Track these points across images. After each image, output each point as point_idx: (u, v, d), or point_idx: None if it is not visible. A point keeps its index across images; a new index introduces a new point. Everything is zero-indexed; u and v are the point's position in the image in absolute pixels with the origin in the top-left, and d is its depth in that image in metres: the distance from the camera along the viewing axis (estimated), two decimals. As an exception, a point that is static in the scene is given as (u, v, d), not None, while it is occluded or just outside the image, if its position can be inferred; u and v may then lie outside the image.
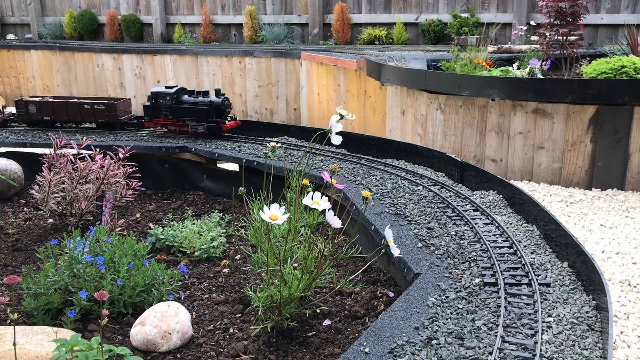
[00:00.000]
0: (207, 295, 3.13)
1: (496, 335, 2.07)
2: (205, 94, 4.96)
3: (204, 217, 4.02)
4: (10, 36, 13.54)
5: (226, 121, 4.93)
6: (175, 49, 10.30)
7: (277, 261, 2.47)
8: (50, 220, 4.15)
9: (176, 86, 5.07)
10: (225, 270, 3.45)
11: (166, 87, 5.04)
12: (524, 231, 3.04)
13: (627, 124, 4.68)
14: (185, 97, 5.00)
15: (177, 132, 5.16)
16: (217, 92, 4.95)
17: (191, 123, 5.01)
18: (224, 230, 3.90)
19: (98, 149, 4.01)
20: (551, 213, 3.00)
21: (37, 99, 5.49)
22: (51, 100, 5.47)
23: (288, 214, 2.17)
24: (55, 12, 13.23)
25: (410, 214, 3.28)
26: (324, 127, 2.40)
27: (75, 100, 5.46)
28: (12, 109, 6.53)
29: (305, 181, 2.42)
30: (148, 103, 5.09)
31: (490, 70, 5.93)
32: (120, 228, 3.75)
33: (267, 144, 2.76)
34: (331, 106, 8.40)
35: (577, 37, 6.29)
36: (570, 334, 2.08)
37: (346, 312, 2.84)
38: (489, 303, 2.31)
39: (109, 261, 2.91)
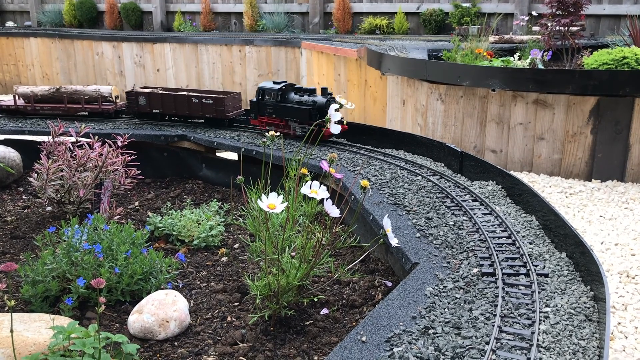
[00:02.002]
0: (205, 284, 3.13)
1: (493, 325, 2.07)
2: (312, 92, 4.50)
3: (202, 206, 4.02)
4: (9, 23, 13.48)
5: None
6: (175, 38, 10.26)
7: (275, 250, 2.47)
8: (49, 208, 4.14)
9: (284, 82, 4.67)
10: (224, 259, 3.45)
11: (274, 82, 4.65)
12: (522, 221, 3.04)
13: (627, 116, 4.67)
14: (292, 94, 4.56)
15: (281, 133, 4.88)
16: (324, 91, 4.44)
17: (293, 124, 4.55)
18: (223, 219, 3.89)
19: (97, 137, 4.00)
20: (550, 204, 2.99)
21: (147, 91, 5.25)
22: (160, 92, 5.20)
23: (286, 203, 2.16)
24: (55, -1, 13.17)
25: (409, 203, 3.27)
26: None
27: (185, 93, 5.16)
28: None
29: (304, 170, 2.41)
30: (254, 99, 4.75)
31: (491, 61, 5.91)
32: (118, 216, 3.75)
33: (266, 133, 2.75)
34: (331, 96, 8.36)
35: (578, 28, 6.26)
36: (567, 324, 2.08)
37: (344, 301, 2.84)
38: (487, 293, 2.31)
39: (107, 249, 2.91)
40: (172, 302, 2.62)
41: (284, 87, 4.58)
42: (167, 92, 5.18)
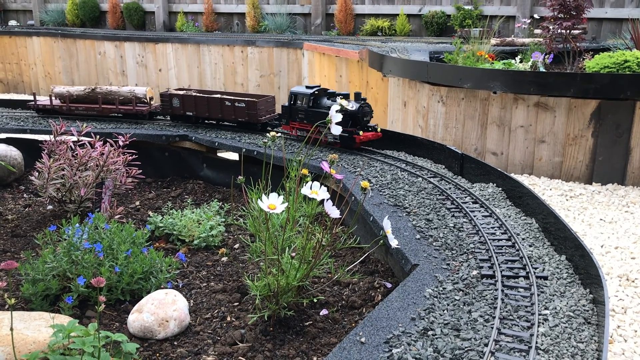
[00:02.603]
0: (205, 284, 3.13)
1: (492, 327, 2.07)
2: (345, 97, 4.29)
3: (203, 206, 4.02)
4: (12, 22, 13.50)
5: (361, 132, 4.19)
6: (177, 38, 10.28)
7: (275, 250, 2.48)
8: (50, 207, 4.15)
9: (317, 86, 4.50)
10: (224, 259, 3.46)
11: (306, 87, 4.48)
12: (522, 224, 3.04)
13: (628, 119, 4.67)
14: (324, 100, 4.38)
15: (312, 139, 4.47)
16: (357, 96, 4.23)
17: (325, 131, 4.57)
18: (223, 219, 3.90)
19: (98, 136, 4.01)
20: (550, 206, 2.99)
21: (181, 93, 5.15)
22: (194, 94, 5.09)
23: (287, 204, 2.17)
24: (58, -2, 13.19)
25: (409, 205, 3.27)
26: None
27: (218, 95, 5.03)
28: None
29: (305, 171, 2.41)
30: (286, 104, 4.59)
31: (493, 63, 5.91)
32: (119, 215, 3.76)
33: (267, 134, 2.75)
34: (333, 97, 8.37)
35: (580, 31, 6.26)
36: (566, 327, 2.08)
37: (343, 302, 2.84)
38: (486, 295, 2.32)
39: (108, 248, 2.92)
40: (172, 301, 2.63)
41: (316, 92, 4.41)
42: (200, 95, 5.08)
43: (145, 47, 10.50)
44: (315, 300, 2.74)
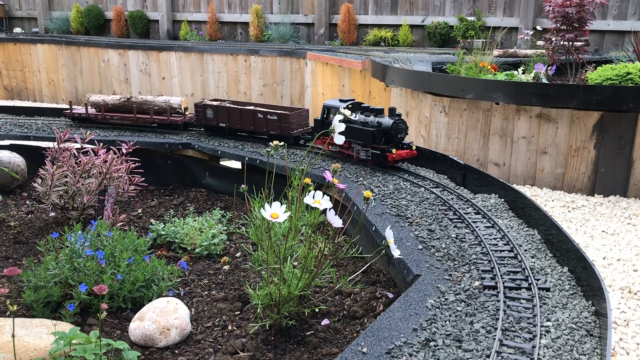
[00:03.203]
0: (206, 292, 3.13)
1: (494, 339, 2.07)
2: (379, 112, 4.10)
3: (205, 214, 4.03)
4: (17, 30, 13.58)
5: (394, 149, 3.97)
6: (181, 46, 10.32)
7: (277, 259, 2.48)
8: (52, 214, 4.16)
9: (352, 100, 4.33)
10: (226, 267, 3.46)
11: (340, 100, 4.33)
12: (524, 235, 3.04)
13: (631, 131, 4.67)
14: (358, 114, 4.19)
15: (344, 155, 4.38)
16: (392, 112, 4.04)
17: (356, 147, 4.17)
18: (225, 228, 3.90)
19: (101, 144, 4.02)
20: (552, 218, 2.99)
21: (215, 103, 5.05)
22: (227, 105, 5.00)
23: (289, 213, 2.17)
24: (63, 6, 13.26)
25: (412, 215, 3.27)
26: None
27: (251, 107, 4.92)
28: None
29: (307, 180, 2.42)
30: (319, 117, 4.44)
31: (495, 74, 5.93)
32: (121, 223, 3.76)
33: (270, 143, 2.76)
34: (335, 106, 8.39)
35: (583, 43, 6.28)
36: (568, 339, 2.07)
37: (345, 312, 2.84)
38: (488, 306, 2.31)
39: (110, 256, 2.92)
40: (174, 309, 2.62)
41: (350, 106, 4.24)
42: (233, 106, 4.98)
43: (149, 55, 10.54)
44: (316, 310, 2.74)
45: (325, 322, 2.71)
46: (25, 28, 13.78)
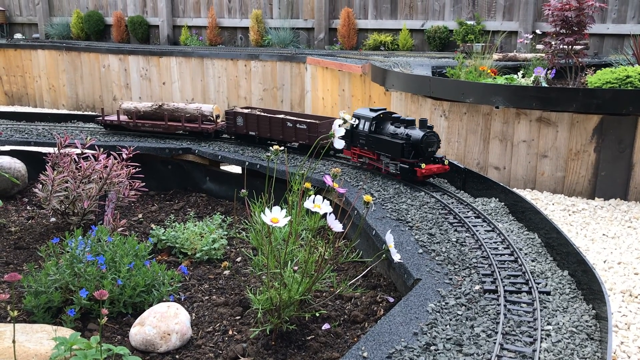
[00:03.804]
0: (207, 297, 3.13)
1: (495, 343, 2.07)
2: (410, 123, 3.90)
3: (205, 219, 4.03)
4: (18, 35, 13.60)
5: (423, 164, 3.73)
6: (181, 51, 10.34)
7: (277, 264, 2.48)
8: (53, 219, 4.16)
9: (382, 109, 4.10)
10: (226, 272, 3.46)
11: (370, 110, 4.11)
12: (525, 239, 3.04)
13: (631, 134, 4.68)
14: (387, 125, 4.00)
15: (374, 168, 4.20)
16: (422, 123, 3.80)
17: (385, 160, 3.98)
18: (226, 232, 3.90)
19: (102, 149, 4.03)
20: (552, 221, 2.99)
21: (245, 111, 4.96)
22: (257, 113, 4.89)
23: (289, 217, 2.17)
24: (63, 12, 13.30)
25: (412, 219, 3.27)
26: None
27: (281, 115, 4.81)
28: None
29: (307, 185, 2.42)
30: (348, 127, 4.25)
31: (495, 78, 5.93)
32: (122, 228, 3.76)
33: (270, 147, 2.76)
34: (335, 111, 8.41)
35: (582, 47, 6.29)
36: (569, 343, 2.07)
37: (346, 316, 2.84)
38: (489, 310, 2.31)
39: (110, 261, 2.92)
40: (174, 314, 2.63)
41: (380, 116, 4.04)
42: (263, 114, 4.88)
43: (149, 61, 10.56)
44: (317, 315, 2.74)
45: (326, 326, 2.70)
46: (26, 34, 13.81)
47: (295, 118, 4.67)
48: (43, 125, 5.90)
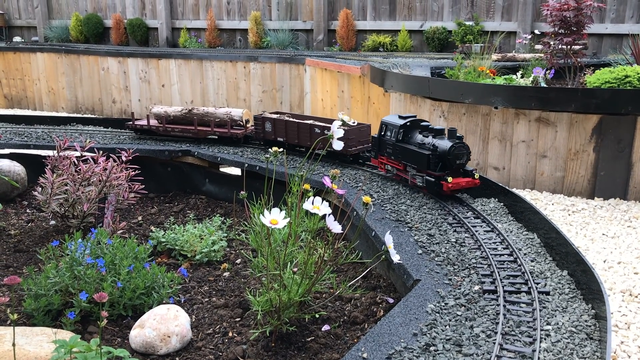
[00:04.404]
0: (207, 299, 3.13)
1: (494, 343, 2.07)
2: (439, 133, 3.65)
3: (205, 221, 4.03)
4: (17, 38, 13.61)
5: (450, 178, 3.47)
6: (180, 53, 10.35)
7: (277, 266, 2.48)
8: (52, 222, 4.16)
9: (412, 117, 3.86)
10: (226, 274, 3.46)
11: (399, 117, 3.89)
12: (524, 239, 3.04)
13: (630, 134, 4.68)
14: (416, 134, 3.77)
15: (401, 179, 3.97)
16: (451, 133, 3.56)
17: (412, 171, 3.75)
18: (225, 234, 3.90)
19: (101, 152, 4.03)
20: (552, 221, 3.00)
21: (274, 116, 4.84)
22: (286, 119, 4.75)
23: (288, 219, 2.17)
24: (62, 15, 13.30)
25: (411, 220, 3.28)
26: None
27: (309, 121, 4.64)
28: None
29: (307, 186, 2.42)
30: (376, 135, 4.05)
31: (494, 79, 5.94)
32: (121, 231, 3.76)
33: (270, 149, 2.77)
34: (335, 112, 8.41)
35: (581, 47, 6.29)
36: (568, 343, 2.07)
37: (345, 317, 2.84)
38: (488, 310, 2.31)
39: (110, 263, 2.92)
40: (174, 317, 2.63)
41: (408, 124, 3.82)
42: (291, 119, 4.72)
43: (149, 63, 10.57)
44: (317, 316, 2.74)
45: (325, 327, 2.71)
46: (25, 37, 13.82)
47: (323, 124, 4.49)
48: (42, 128, 5.90)
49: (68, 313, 2.65)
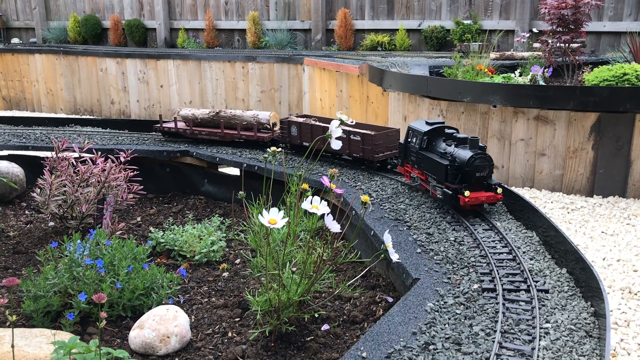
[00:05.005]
0: (206, 299, 3.13)
1: (494, 341, 2.07)
2: (462, 142, 3.37)
3: (204, 221, 4.03)
4: (15, 40, 13.60)
5: (467, 192, 3.21)
6: (179, 54, 10.34)
7: (276, 265, 2.48)
8: (51, 223, 4.16)
9: (440, 122, 3.64)
10: (225, 274, 3.46)
11: (425, 123, 3.65)
12: (523, 237, 3.04)
13: (628, 132, 4.68)
14: (439, 142, 3.53)
15: (425, 190, 3.72)
16: (473, 143, 3.30)
17: (432, 182, 3.50)
18: (224, 235, 3.90)
19: (100, 152, 4.03)
20: (550, 219, 3.00)
21: (300, 120, 4.67)
22: (311, 122, 4.53)
23: (287, 218, 2.17)
24: (60, 16, 13.29)
25: (410, 219, 3.28)
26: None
27: None
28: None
29: (305, 186, 2.42)
30: (402, 141, 3.85)
31: (492, 77, 5.94)
32: (120, 231, 3.76)
33: (268, 149, 2.76)
34: (333, 112, 8.41)
35: (579, 45, 6.29)
36: (567, 341, 2.07)
37: (345, 317, 2.84)
38: (487, 309, 2.31)
39: (109, 264, 2.92)
40: (173, 317, 2.62)
41: (432, 131, 3.57)
42: (317, 124, 4.49)
43: (147, 64, 10.56)
44: (316, 315, 2.74)
45: (325, 327, 2.70)
46: (23, 38, 13.80)
47: (349, 128, 4.26)
48: (41, 129, 5.90)
49: (67, 314, 2.65)
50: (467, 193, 3.20)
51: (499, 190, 3.27)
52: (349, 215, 3.46)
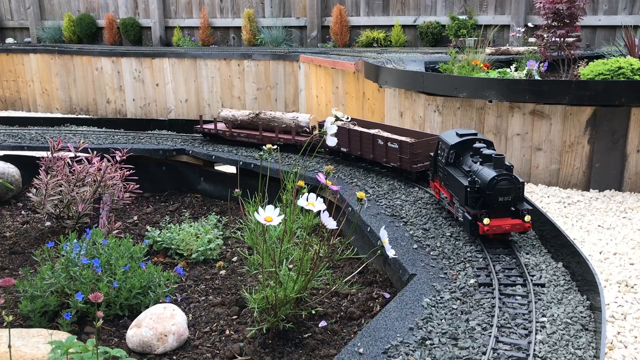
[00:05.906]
0: (203, 297, 3.13)
1: (490, 336, 2.07)
2: (487, 159, 2.92)
3: (201, 220, 4.03)
4: (9, 40, 13.56)
5: (487, 219, 2.76)
6: (174, 52, 10.32)
7: (272, 263, 2.48)
8: (48, 223, 4.15)
9: (473, 133, 3.17)
10: (222, 272, 3.46)
11: (456, 134, 3.20)
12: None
13: (624, 125, 4.69)
14: (467, 156, 3.11)
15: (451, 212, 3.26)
16: (498, 162, 2.83)
17: (456, 203, 3.05)
18: (221, 233, 3.90)
19: (95, 152, 4.02)
20: (546, 214, 3.00)
21: (338, 123, 4.25)
22: (348, 127, 4.27)
23: (283, 216, 2.17)
24: (54, 15, 13.25)
25: (406, 215, 3.28)
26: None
27: (373, 131, 4.10)
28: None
29: (301, 183, 2.42)
30: (432, 153, 3.46)
31: (488, 72, 5.94)
32: (117, 231, 3.76)
33: (264, 147, 2.76)
34: (329, 108, 8.41)
35: (574, 39, 6.30)
36: (564, 334, 2.08)
37: (342, 313, 2.84)
38: (484, 303, 2.32)
39: (106, 263, 2.92)
40: (171, 316, 2.62)
41: (460, 143, 3.13)
42: (354, 128, 4.22)
43: (142, 62, 10.54)
44: (313, 312, 2.74)
45: (322, 324, 2.71)
46: (18, 38, 13.76)
47: (387, 135, 3.95)
48: (36, 129, 5.89)
49: (64, 314, 2.64)
50: (486, 221, 2.76)
51: (527, 218, 2.80)
52: (345, 211, 3.46)
